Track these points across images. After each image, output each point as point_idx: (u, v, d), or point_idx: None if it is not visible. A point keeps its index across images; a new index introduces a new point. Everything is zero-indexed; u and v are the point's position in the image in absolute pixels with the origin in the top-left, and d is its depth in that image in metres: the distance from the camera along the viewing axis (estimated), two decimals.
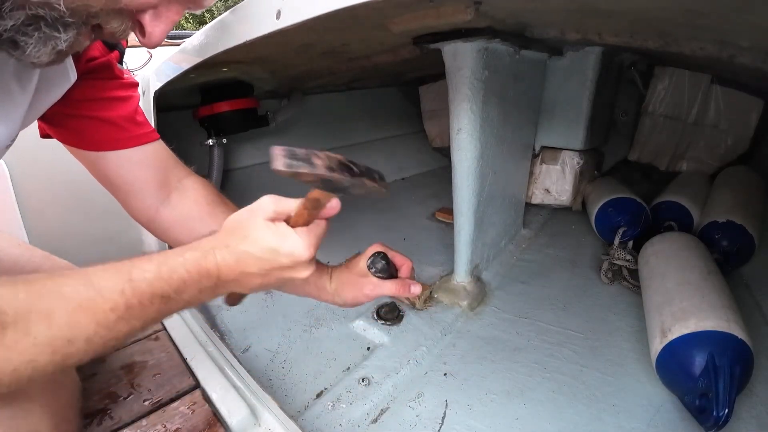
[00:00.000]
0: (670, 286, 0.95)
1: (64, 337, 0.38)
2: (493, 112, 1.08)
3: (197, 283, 0.46)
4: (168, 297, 0.44)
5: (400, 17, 0.82)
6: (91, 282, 0.41)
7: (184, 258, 0.46)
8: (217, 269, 0.46)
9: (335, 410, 0.84)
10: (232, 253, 0.47)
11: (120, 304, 0.41)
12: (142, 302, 0.42)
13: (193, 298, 0.47)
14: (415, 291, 0.63)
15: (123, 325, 0.41)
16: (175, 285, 0.44)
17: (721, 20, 0.71)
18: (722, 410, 0.68)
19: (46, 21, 0.41)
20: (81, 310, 0.39)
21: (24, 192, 1.02)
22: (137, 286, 0.42)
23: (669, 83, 1.71)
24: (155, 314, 0.44)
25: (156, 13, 0.49)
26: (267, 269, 0.48)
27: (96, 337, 0.40)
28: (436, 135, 2.30)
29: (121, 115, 0.66)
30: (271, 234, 0.47)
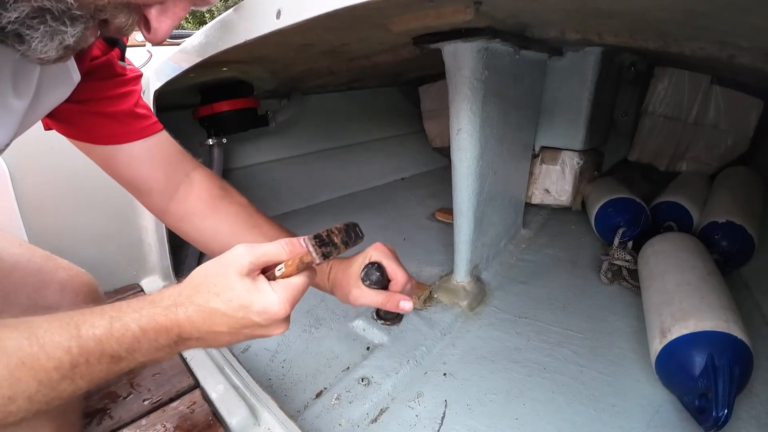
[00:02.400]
0: (669, 286, 0.95)
1: (4, 395, 0.36)
2: (493, 112, 1.08)
3: (153, 341, 0.43)
4: (118, 357, 0.41)
5: (400, 17, 0.82)
6: (36, 336, 0.38)
7: (140, 314, 0.43)
8: (178, 327, 0.43)
9: (335, 410, 0.84)
10: (199, 311, 0.44)
11: (65, 362, 0.38)
12: (89, 361, 0.39)
13: (149, 357, 0.43)
14: (404, 307, 0.59)
15: (67, 384, 0.39)
16: (127, 344, 0.41)
17: (720, 21, 0.71)
18: (722, 410, 0.68)
19: (53, 14, 0.39)
20: (23, 368, 0.36)
21: (24, 191, 1.02)
22: (85, 344, 0.39)
23: (669, 83, 1.71)
24: (104, 374, 0.41)
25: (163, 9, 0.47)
26: (236, 328, 0.45)
27: (38, 395, 0.38)
28: (435, 135, 2.30)
29: (121, 110, 0.66)
30: (244, 290, 0.44)
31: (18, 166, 0.99)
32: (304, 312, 1.15)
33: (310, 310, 1.16)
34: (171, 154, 0.72)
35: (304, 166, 2.01)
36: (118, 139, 0.66)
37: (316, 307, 1.17)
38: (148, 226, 1.25)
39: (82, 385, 0.40)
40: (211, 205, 0.71)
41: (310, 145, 2.06)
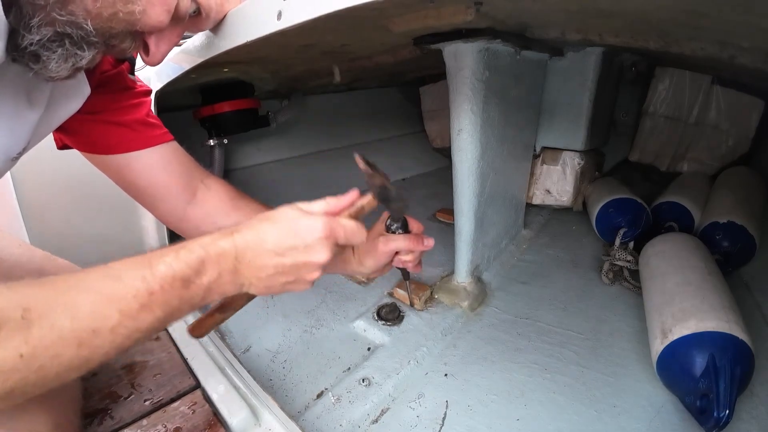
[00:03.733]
0: (670, 286, 0.95)
1: (89, 328, 0.38)
2: (493, 113, 1.08)
3: (216, 264, 0.45)
4: (188, 280, 0.43)
5: (400, 17, 0.82)
6: (113, 272, 0.41)
7: (202, 241, 0.46)
8: (234, 248, 0.46)
9: (336, 410, 0.84)
10: (252, 229, 0.47)
11: (142, 290, 0.41)
12: (164, 287, 0.42)
13: (214, 284, 0.46)
14: (429, 244, 0.64)
15: (146, 314, 0.41)
16: (195, 265, 0.44)
17: (721, 21, 0.71)
18: (723, 411, 0.68)
19: (72, 39, 0.43)
20: (104, 300, 0.39)
21: (25, 192, 1.02)
22: (157, 270, 0.42)
23: (670, 84, 1.71)
24: (177, 301, 0.43)
25: (161, 35, 0.54)
26: (284, 247, 0.47)
27: (120, 328, 0.40)
28: (436, 135, 2.30)
29: (133, 119, 0.67)
30: (296, 211, 0.49)
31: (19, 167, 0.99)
32: (305, 313, 1.15)
33: (311, 311, 1.16)
34: (185, 162, 0.73)
35: (305, 167, 2.01)
36: (132, 146, 0.67)
37: (317, 308, 1.17)
38: (148, 227, 1.25)
39: (159, 314, 0.42)
40: (232, 205, 0.74)
41: (310, 146, 2.06)
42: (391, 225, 0.64)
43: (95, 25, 0.44)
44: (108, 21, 0.45)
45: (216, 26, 0.71)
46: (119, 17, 0.45)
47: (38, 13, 0.41)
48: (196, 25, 0.66)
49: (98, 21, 0.44)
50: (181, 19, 0.55)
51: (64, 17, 0.42)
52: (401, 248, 0.64)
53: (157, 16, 0.50)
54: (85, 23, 0.43)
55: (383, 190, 0.55)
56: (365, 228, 0.54)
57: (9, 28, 0.41)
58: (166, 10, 0.50)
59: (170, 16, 0.51)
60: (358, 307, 1.16)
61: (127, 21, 0.47)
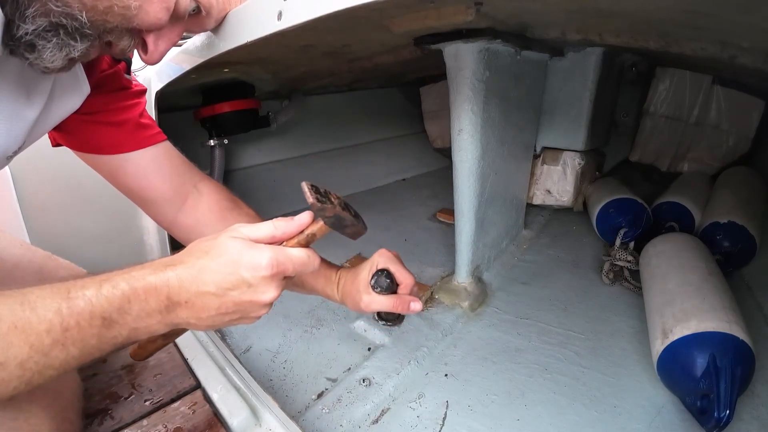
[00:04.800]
0: (671, 287, 0.95)
1: None
2: (494, 113, 1.08)
3: (143, 302, 0.42)
4: (109, 319, 0.40)
5: (401, 18, 0.82)
6: (27, 301, 0.38)
7: (130, 275, 0.42)
8: (167, 287, 0.42)
9: (336, 411, 0.84)
10: (188, 268, 0.43)
11: (56, 324, 0.37)
12: (80, 323, 0.38)
13: (140, 323, 0.42)
14: (414, 308, 0.61)
15: (59, 350, 0.38)
16: (117, 304, 0.40)
17: (721, 21, 0.71)
18: (723, 411, 0.68)
19: (66, 29, 0.43)
20: (14, 331, 0.36)
21: (26, 192, 1.02)
22: (75, 305, 0.39)
23: (670, 84, 1.70)
24: (95, 341, 0.40)
25: (159, 34, 0.53)
26: (225, 287, 0.43)
27: (30, 362, 0.37)
28: (437, 136, 2.29)
29: (126, 119, 0.67)
30: (236, 248, 0.44)
31: (20, 167, 1.00)
32: (306, 313, 1.15)
33: (311, 311, 1.16)
34: (178, 164, 0.73)
35: (305, 167, 2.01)
36: (124, 148, 0.67)
37: (317, 308, 1.17)
38: (149, 226, 1.25)
39: (74, 352, 0.39)
40: (220, 217, 0.72)
41: (311, 146, 2.06)
42: (375, 286, 0.60)
43: (90, 17, 0.44)
44: (103, 14, 0.45)
45: (216, 26, 0.71)
46: (114, 11, 0.45)
47: (34, 4, 0.41)
48: (197, 25, 0.66)
49: (93, 13, 0.44)
50: (181, 18, 0.55)
51: (60, 8, 0.42)
52: (385, 309, 0.61)
53: (156, 13, 0.49)
54: (80, 14, 0.43)
55: (336, 220, 0.50)
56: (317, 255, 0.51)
57: (5, 20, 0.41)
58: (165, 8, 0.50)
59: (169, 14, 0.51)
60: None
61: (123, 16, 0.46)
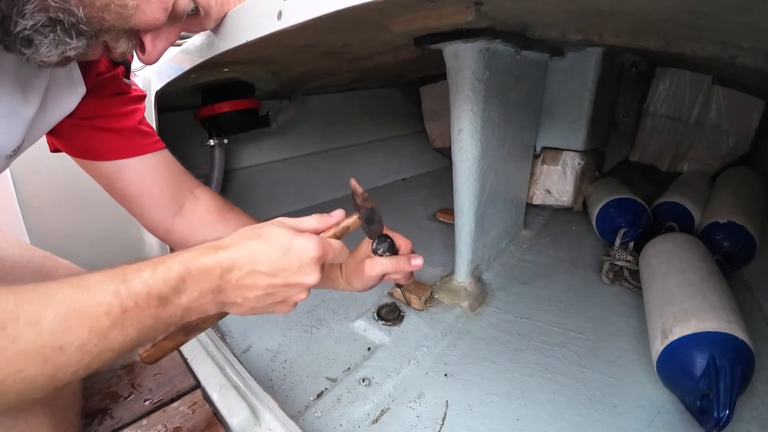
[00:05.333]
0: (671, 287, 0.95)
1: (55, 344, 0.35)
2: (494, 113, 1.08)
3: (197, 282, 0.43)
4: (166, 298, 0.41)
5: (401, 18, 0.82)
6: (85, 285, 0.38)
7: (183, 257, 0.43)
8: (220, 267, 0.44)
9: (336, 410, 0.84)
10: (240, 248, 0.45)
11: (114, 306, 0.38)
12: (138, 304, 0.39)
13: (194, 303, 0.43)
14: (417, 263, 0.63)
15: (118, 332, 0.38)
16: (173, 283, 0.41)
17: (721, 21, 0.71)
18: (723, 411, 0.68)
19: (63, 26, 0.43)
20: (73, 315, 0.36)
21: (25, 192, 1.02)
22: (132, 286, 0.39)
23: (670, 84, 1.70)
24: (152, 321, 0.41)
25: (157, 34, 0.53)
26: (277, 267, 0.46)
27: (89, 345, 0.37)
28: (437, 135, 2.30)
29: (125, 126, 0.67)
30: (285, 233, 0.47)
31: (20, 168, 1.00)
32: (305, 313, 1.15)
33: (311, 311, 1.16)
34: (176, 172, 0.73)
35: (305, 167, 2.01)
36: (123, 154, 0.67)
37: (317, 308, 1.17)
38: None
39: (132, 333, 0.39)
40: (219, 217, 0.73)
41: (311, 146, 2.06)
42: (377, 248, 0.62)
43: (87, 14, 0.44)
44: (100, 11, 0.45)
45: (216, 26, 0.71)
46: (111, 9, 0.45)
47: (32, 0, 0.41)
48: (196, 25, 0.66)
49: (90, 9, 0.44)
50: (179, 18, 0.55)
51: (57, 3, 0.42)
52: (388, 271, 0.63)
53: (153, 13, 0.49)
54: (77, 10, 0.43)
55: (371, 213, 0.58)
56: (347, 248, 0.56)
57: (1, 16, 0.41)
58: (163, 8, 0.50)
59: (167, 14, 0.51)
60: (358, 307, 1.16)
61: (120, 14, 0.46)
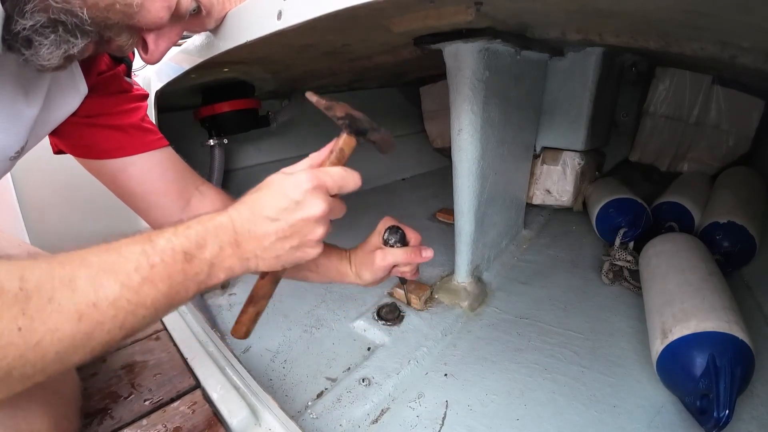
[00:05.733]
0: (670, 287, 0.95)
1: (89, 301, 0.37)
2: (494, 113, 1.08)
3: (215, 237, 0.45)
4: (190, 253, 0.43)
5: (401, 18, 0.82)
6: (114, 247, 0.41)
7: (199, 217, 0.46)
8: (232, 221, 0.46)
9: (336, 410, 0.84)
10: (244, 203, 0.48)
11: (143, 263, 0.40)
12: (164, 260, 0.41)
13: (217, 258, 0.45)
14: (427, 255, 0.65)
15: (149, 287, 0.40)
16: (194, 238, 0.44)
17: (721, 21, 0.71)
18: (723, 411, 0.68)
19: (66, 26, 0.43)
20: (104, 273, 0.38)
21: (25, 192, 1.02)
22: (157, 244, 0.42)
23: (670, 84, 1.70)
24: (181, 276, 0.43)
25: (160, 33, 0.54)
26: (277, 210, 0.47)
27: (122, 301, 0.39)
28: (436, 135, 2.30)
29: (128, 123, 0.67)
30: (278, 176, 0.49)
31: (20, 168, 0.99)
32: (305, 313, 1.15)
33: (310, 311, 1.16)
34: (181, 168, 0.73)
35: None
36: (128, 151, 0.67)
37: (316, 308, 1.17)
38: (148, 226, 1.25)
39: (163, 288, 0.41)
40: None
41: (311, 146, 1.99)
42: (388, 239, 0.63)
43: (91, 14, 0.44)
44: (105, 11, 0.45)
45: (216, 26, 0.71)
46: (116, 8, 0.46)
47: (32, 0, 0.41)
48: (197, 24, 0.66)
49: (94, 10, 0.44)
50: (182, 17, 0.56)
51: (59, 4, 0.42)
52: (399, 262, 0.64)
53: (157, 12, 0.50)
54: (81, 11, 0.43)
55: (351, 120, 0.53)
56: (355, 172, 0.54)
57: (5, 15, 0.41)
58: (167, 7, 0.50)
59: (170, 14, 0.52)
60: (358, 307, 1.16)
61: (125, 13, 0.47)
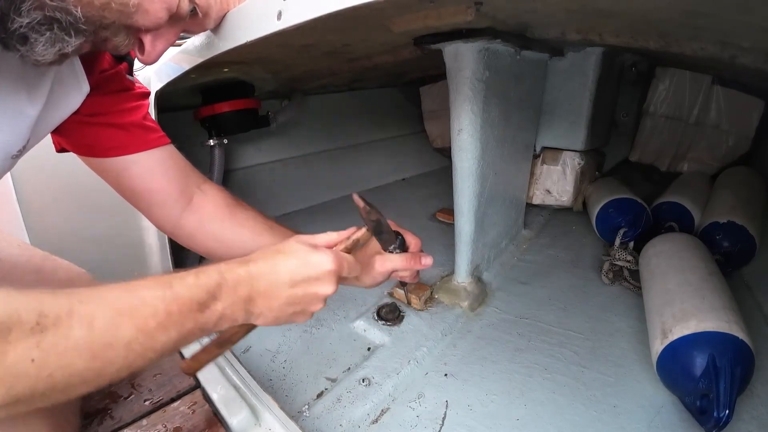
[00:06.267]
0: (670, 286, 0.95)
1: (105, 342, 0.38)
2: (494, 113, 1.08)
3: (232, 290, 0.47)
4: (204, 304, 0.45)
5: (401, 17, 0.82)
6: (133, 289, 0.42)
7: (220, 266, 0.48)
8: (250, 276, 0.48)
9: (336, 410, 0.84)
10: (266, 261, 0.50)
11: (160, 310, 0.41)
12: (181, 309, 0.43)
13: (228, 310, 0.47)
14: (426, 262, 0.66)
15: (161, 333, 0.41)
16: (212, 290, 0.45)
17: (721, 21, 0.71)
18: (723, 411, 0.68)
19: (61, 24, 0.43)
20: (122, 315, 0.39)
21: (25, 192, 1.02)
22: (177, 292, 0.43)
23: (670, 84, 1.70)
24: (192, 324, 0.44)
25: (158, 34, 0.54)
26: (296, 280, 0.50)
27: (135, 344, 0.40)
28: (436, 135, 2.29)
29: (129, 121, 0.67)
30: (304, 248, 0.52)
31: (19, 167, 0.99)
32: None
33: None
34: (183, 166, 0.73)
35: (305, 167, 2.01)
36: (130, 150, 0.67)
37: None
38: (149, 227, 1.25)
39: (173, 335, 0.43)
40: (228, 213, 0.73)
41: (310, 146, 2.06)
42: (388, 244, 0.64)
43: (85, 13, 0.44)
44: (100, 10, 0.45)
45: (216, 26, 0.71)
46: (112, 7, 0.46)
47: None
48: (195, 25, 0.66)
49: (89, 9, 0.44)
50: (181, 19, 0.55)
51: (54, 2, 0.42)
52: (398, 268, 0.65)
53: (156, 12, 0.50)
54: (75, 9, 0.43)
55: (378, 225, 0.61)
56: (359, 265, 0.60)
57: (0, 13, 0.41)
58: (166, 8, 0.50)
59: (169, 15, 0.51)
60: (358, 307, 1.16)
61: (121, 12, 0.47)
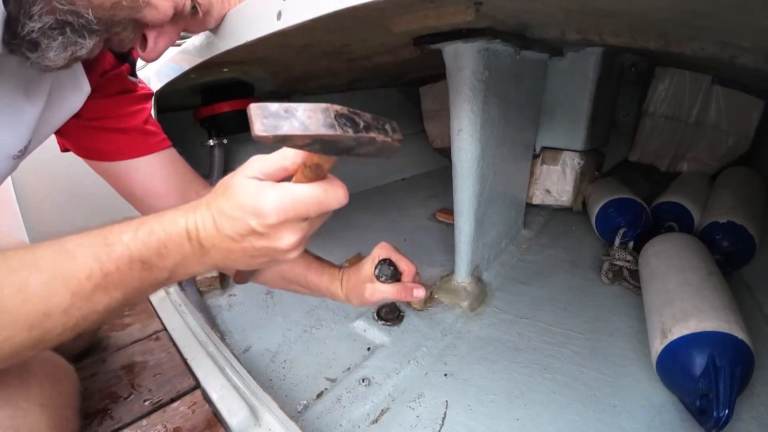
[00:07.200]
0: (670, 286, 0.95)
1: (40, 311, 0.36)
2: (493, 113, 1.08)
3: (179, 246, 0.40)
4: (149, 263, 0.39)
5: (400, 17, 0.82)
6: (66, 250, 0.38)
7: (163, 219, 0.41)
8: (197, 230, 0.40)
9: (335, 410, 0.84)
10: (210, 210, 0.40)
11: (96, 270, 0.38)
12: (120, 268, 0.38)
13: (180, 267, 0.41)
14: (418, 295, 0.62)
15: (101, 295, 0.38)
16: (155, 248, 0.39)
17: (721, 21, 0.71)
18: (723, 411, 0.68)
19: (73, 27, 0.43)
20: (56, 281, 0.37)
21: (25, 193, 1.02)
22: (113, 251, 0.38)
23: (670, 84, 1.71)
24: (137, 283, 0.40)
25: (161, 31, 0.54)
26: (239, 233, 0.39)
27: (74, 309, 0.38)
28: (436, 135, 2.29)
29: (131, 126, 0.67)
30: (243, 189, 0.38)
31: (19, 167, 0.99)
32: (305, 313, 1.15)
33: (310, 311, 1.16)
34: (184, 172, 0.73)
35: None
36: (129, 154, 0.67)
37: (317, 308, 1.17)
38: None
39: (116, 295, 0.39)
40: None
41: None
42: (379, 275, 0.61)
43: (96, 14, 0.44)
44: (111, 9, 0.45)
45: (216, 26, 0.71)
46: (122, 5, 0.46)
47: (38, 2, 0.41)
48: (196, 25, 0.66)
49: (100, 11, 0.44)
50: (183, 17, 0.56)
51: (65, 5, 0.42)
52: (388, 299, 0.62)
53: (164, 8, 0.50)
54: (86, 12, 0.43)
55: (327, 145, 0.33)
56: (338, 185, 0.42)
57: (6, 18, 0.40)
58: (173, 4, 0.51)
59: (174, 12, 0.52)
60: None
61: (131, 8, 0.47)
